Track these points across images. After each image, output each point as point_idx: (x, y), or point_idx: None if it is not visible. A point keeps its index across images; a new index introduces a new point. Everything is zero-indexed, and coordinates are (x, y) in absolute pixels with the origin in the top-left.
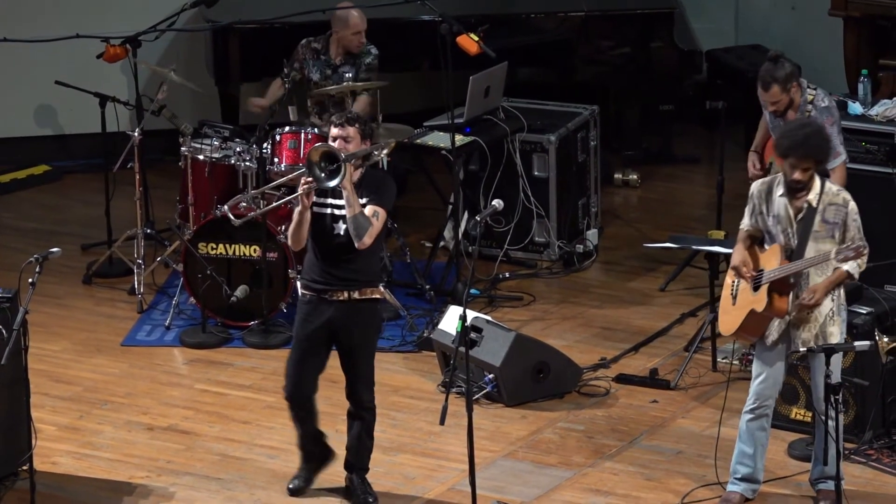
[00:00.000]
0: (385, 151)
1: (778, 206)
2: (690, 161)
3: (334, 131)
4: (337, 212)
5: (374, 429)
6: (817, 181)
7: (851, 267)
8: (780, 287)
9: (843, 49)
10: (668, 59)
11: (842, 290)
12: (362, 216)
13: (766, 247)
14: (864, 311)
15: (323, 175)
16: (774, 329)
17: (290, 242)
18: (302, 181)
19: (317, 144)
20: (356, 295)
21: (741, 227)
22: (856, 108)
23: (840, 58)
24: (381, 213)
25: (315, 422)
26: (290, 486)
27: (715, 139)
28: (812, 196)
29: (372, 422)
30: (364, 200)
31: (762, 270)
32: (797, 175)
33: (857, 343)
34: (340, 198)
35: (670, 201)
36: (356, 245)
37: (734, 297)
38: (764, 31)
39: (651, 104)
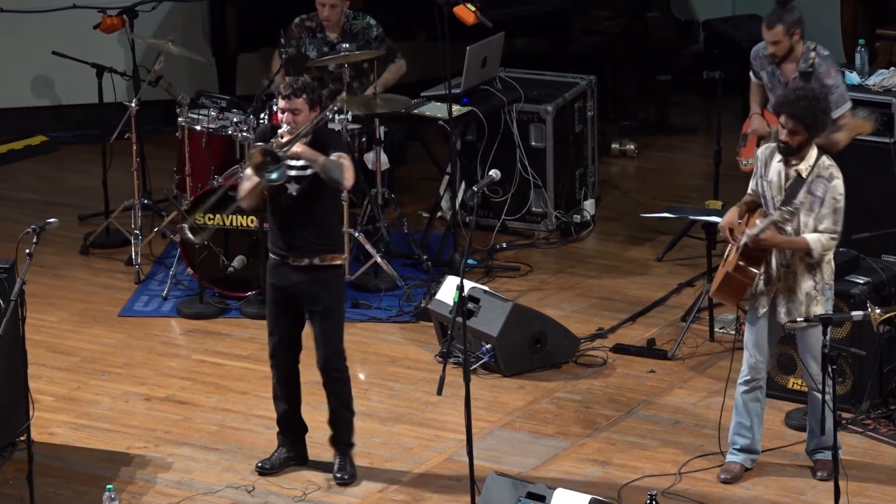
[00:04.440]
0: (336, 109)
1: (773, 172)
2: (687, 131)
3: (281, 103)
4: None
5: (350, 400)
6: (813, 153)
7: (813, 241)
8: (754, 254)
9: (841, 18)
10: (666, 29)
11: (824, 272)
12: (329, 161)
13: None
14: (862, 281)
15: (270, 171)
16: (764, 301)
17: (244, 204)
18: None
19: (252, 151)
20: (317, 261)
21: (748, 190)
22: (853, 77)
23: (837, 27)
24: (344, 154)
25: (297, 402)
26: (259, 464)
27: (712, 109)
28: (803, 166)
29: (346, 392)
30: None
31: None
32: (783, 136)
33: (854, 313)
34: (290, 159)
35: (667, 171)
36: (344, 186)
37: (726, 259)
38: (761, 1)
39: (648, 74)
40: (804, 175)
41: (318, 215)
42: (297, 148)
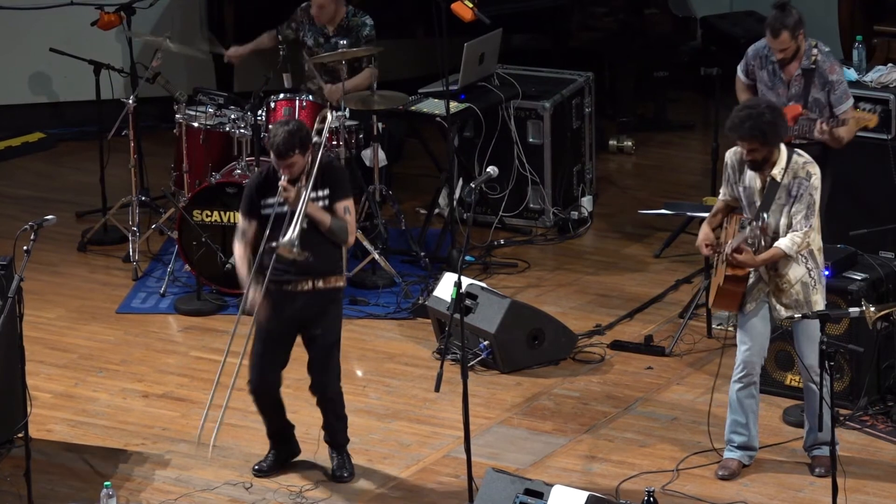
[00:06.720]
0: (326, 127)
1: (749, 177)
2: (685, 128)
3: (275, 161)
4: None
5: (343, 409)
6: (783, 155)
7: (786, 247)
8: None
9: (838, 15)
10: (663, 26)
11: (817, 259)
12: (335, 224)
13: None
14: (859, 278)
15: (295, 242)
16: (752, 297)
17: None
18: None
19: (279, 252)
20: (320, 284)
21: (719, 197)
22: (850, 74)
23: (835, 24)
24: (350, 203)
25: (282, 416)
26: (256, 466)
27: (709, 106)
28: (776, 171)
29: (340, 409)
30: (325, 192)
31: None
32: (745, 155)
33: (851, 309)
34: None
35: (665, 168)
36: (346, 246)
37: (715, 270)
38: None
39: (646, 71)
40: (779, 179)
41: (322, 238)
42: (307, 208)
